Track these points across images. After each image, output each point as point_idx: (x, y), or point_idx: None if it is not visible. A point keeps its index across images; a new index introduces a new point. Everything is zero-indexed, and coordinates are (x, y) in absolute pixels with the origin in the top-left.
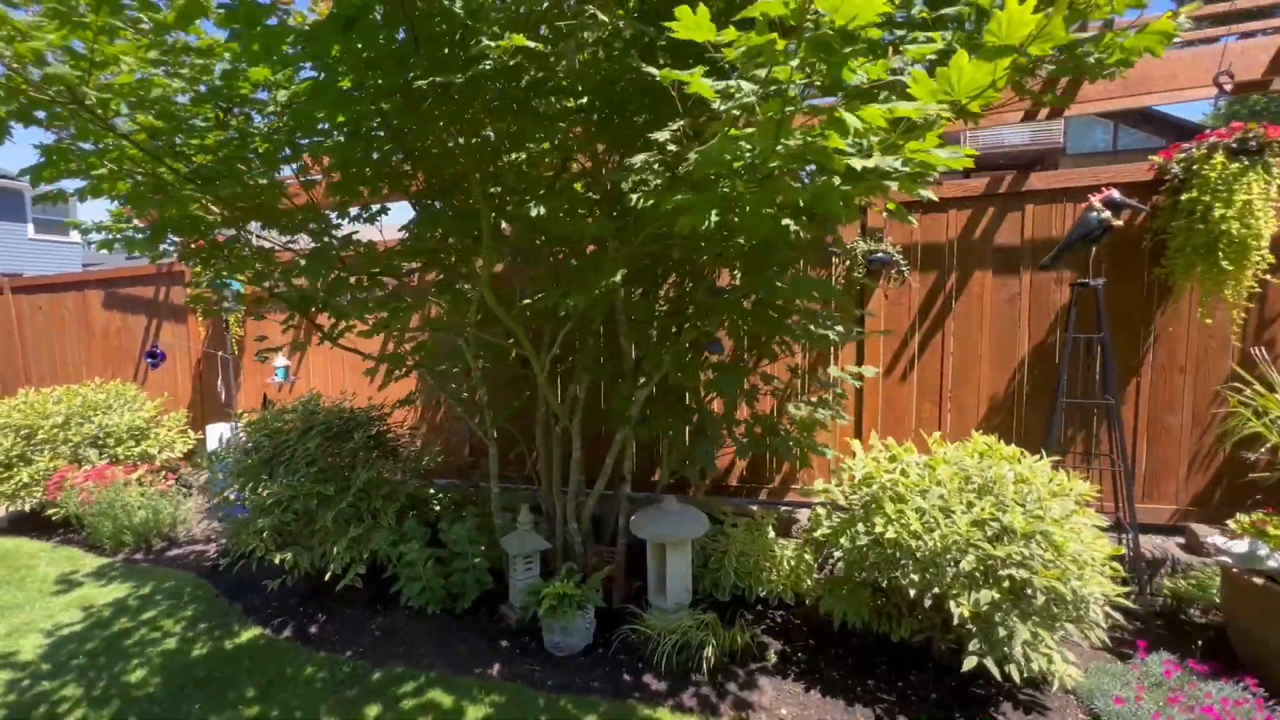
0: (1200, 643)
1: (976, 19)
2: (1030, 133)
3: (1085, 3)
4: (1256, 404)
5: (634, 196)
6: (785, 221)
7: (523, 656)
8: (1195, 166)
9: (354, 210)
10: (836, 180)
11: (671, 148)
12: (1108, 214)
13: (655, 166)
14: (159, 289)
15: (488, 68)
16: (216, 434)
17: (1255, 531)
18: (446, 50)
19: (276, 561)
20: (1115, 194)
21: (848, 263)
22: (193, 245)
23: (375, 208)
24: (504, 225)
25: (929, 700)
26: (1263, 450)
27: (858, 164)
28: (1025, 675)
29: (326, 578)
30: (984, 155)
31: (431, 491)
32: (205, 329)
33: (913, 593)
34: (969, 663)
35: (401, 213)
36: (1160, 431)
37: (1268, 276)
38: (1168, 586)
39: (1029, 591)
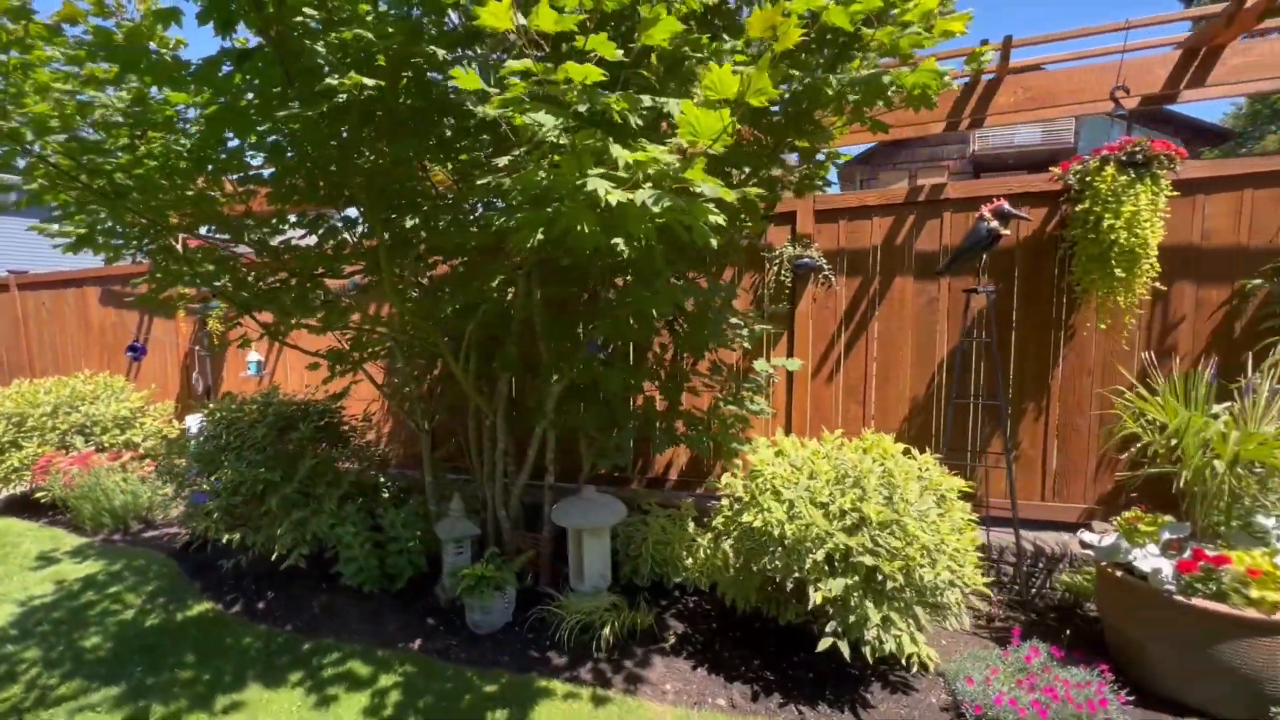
0: (1069, 632)
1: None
2: (1041, 133)
3: (871, 40)
4: (1134, 406)
5: (489, 215)
6: (615, 240)
7: (446, 633)
8: (1089, 179)
9: (292, 217)
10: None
11: (504, 179)
12: (996, 224)
13: (500, 188)
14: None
15: (343, 99)
16: (197, 424)
17: (1128, 529)
18: (315, 86)
19: (225, 541)
20: (1005, 205)
21: (776, 267)
22: (148, 247)
23: (313, 215)
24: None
25: (806, 680)
26: (1134, 449)
27: (614, 198)
28: (878, 655)
29: (273, 558)
30: (995, 155)
31: (381, 480)
32: (191, 325)
33: (777, 578)
34: (824, 643)
35: None
36: (1070, 433)
37: (1157, 284)
38: (1064, 581)
39: (879, 578)
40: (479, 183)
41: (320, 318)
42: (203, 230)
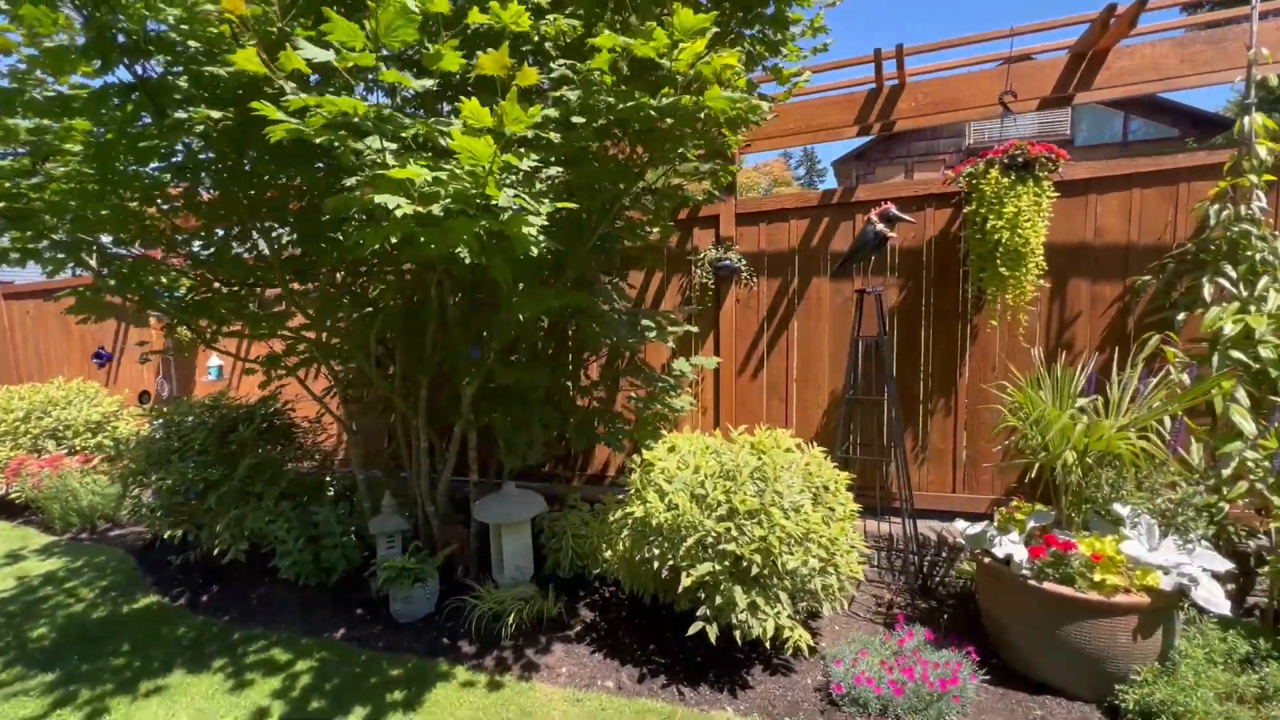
0: (946, 616)
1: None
2: (1037, 125)
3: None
4: (1013, 400)
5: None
6: (459, 250)
7: (371, 622)
8: (976, 181)
9: (219, 231)
10: (469, 215)
11: (356, 192)
12: (882, 227)
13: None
14: (124, 296)
15: (200, 129)
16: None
17: (1006, 518)
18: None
19: (166, 537)
20: (891, 209)
21: (700, 270)
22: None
23: (237, 229)
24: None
25: (693, 663)
26: (1009, 442)
27: (402, 211)
28: (749, 639)
29: (215, 553)
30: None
31: (327, 479)
32: (160, 332)
33: (655, 564)
34: (694, 627)
35: None
36: (978, 426)
37: (1042, 281)
38: (961, 569)
39: (744, 564)
40: (323, 202)
41: (249, 325)
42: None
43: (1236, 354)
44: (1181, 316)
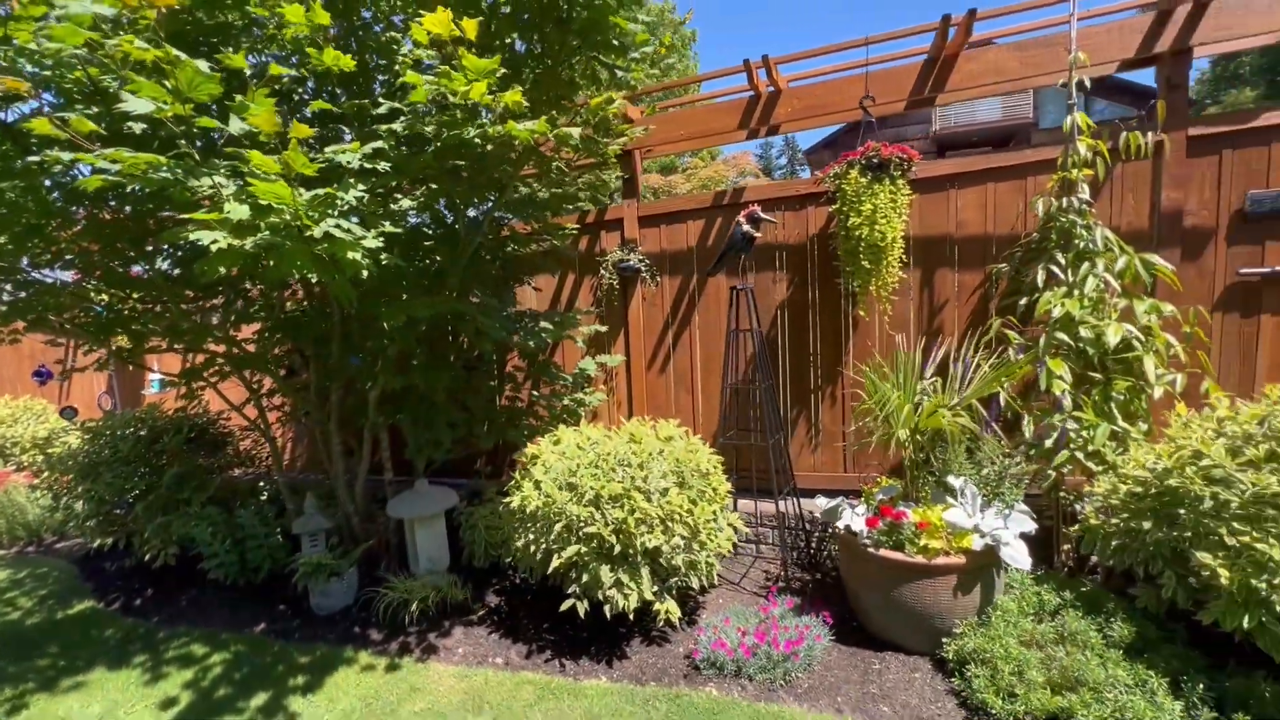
0: (810, 586)
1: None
2: (1002, 109)
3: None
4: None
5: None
6: (310, 274)
7: (291, 616)
8: (839, 181)
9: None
10: (288, 245)
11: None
12: (749, 228)
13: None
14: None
15: (37, 162)
16: None
17: (868, 493)
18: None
19: (97, 545)
20: (757, 211)
21: (606, 271)
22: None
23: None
24: None
25: (580, 639)
26: (864, 422)
27: (217, 246)
28: (616, 612)
29: (147, 558)
30: (957, 132)
31: (261, 484)
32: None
33: (530, 548)
34: (566, 604)
35: None
36: (862, 411)
37: (903, 274)
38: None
39: (607, 545)
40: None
41: (167, 339)
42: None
43: (1061, 335)
44: (1024, 302)
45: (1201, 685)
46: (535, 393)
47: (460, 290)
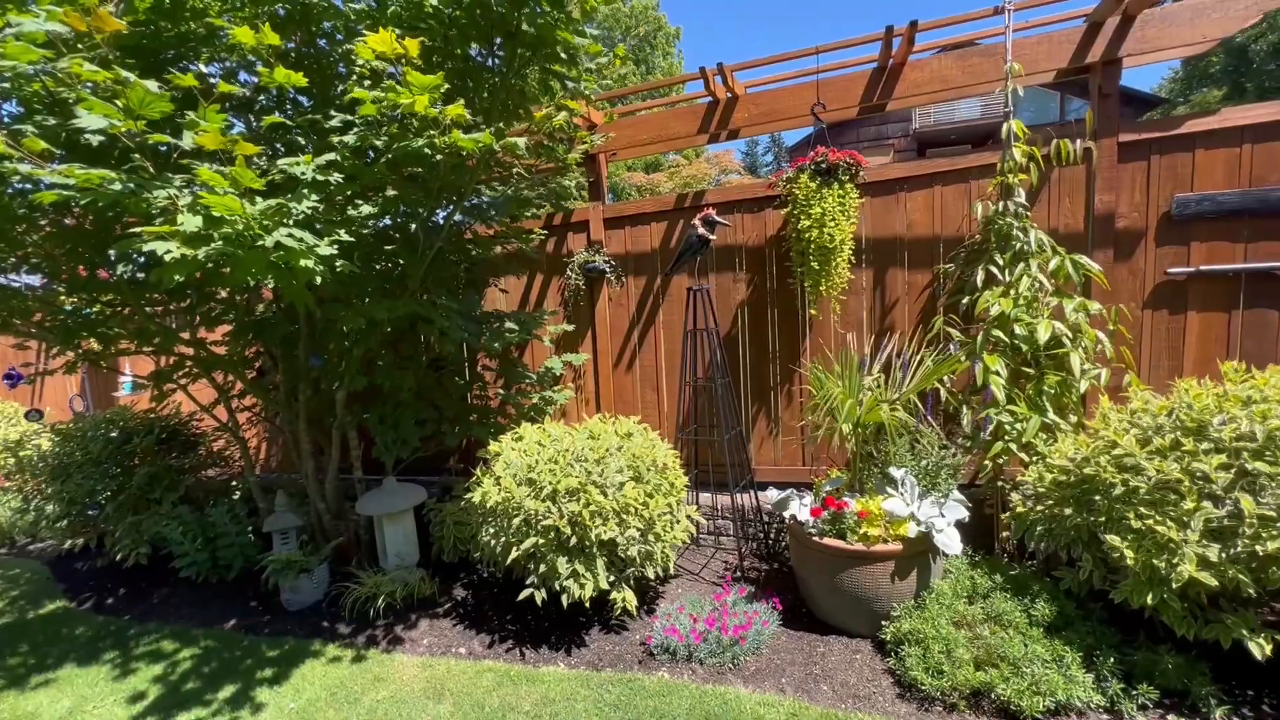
0: (763, 575)
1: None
2: (981, 108)
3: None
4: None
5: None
6: (268, 278)
7: (263, 612)
8: (790, 186)
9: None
10: (241, 254)
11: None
12: (704, 230)
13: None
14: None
15: None
16: None
17: (818, 485)
18: None
19: (68, 546)
20: (711, 214)
21: (572, 272)
22: None
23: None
24: None
25: (541, 629)
26: (815, 416)
27: (171, 256)
28: (572, 601)
29: (119, 558)
30: (937, 131)
31: (234, 483)
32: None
33: (491, 541)
34: (524, 593)
35: None
36: (811, 407)
37: (850, 274)
38: None
39: (564, 536)
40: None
41: (135, 342)
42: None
43: (997, 332)
44: (966, 300)
45: (1112, 659)
46: (502, 391)
47: (422, 293)
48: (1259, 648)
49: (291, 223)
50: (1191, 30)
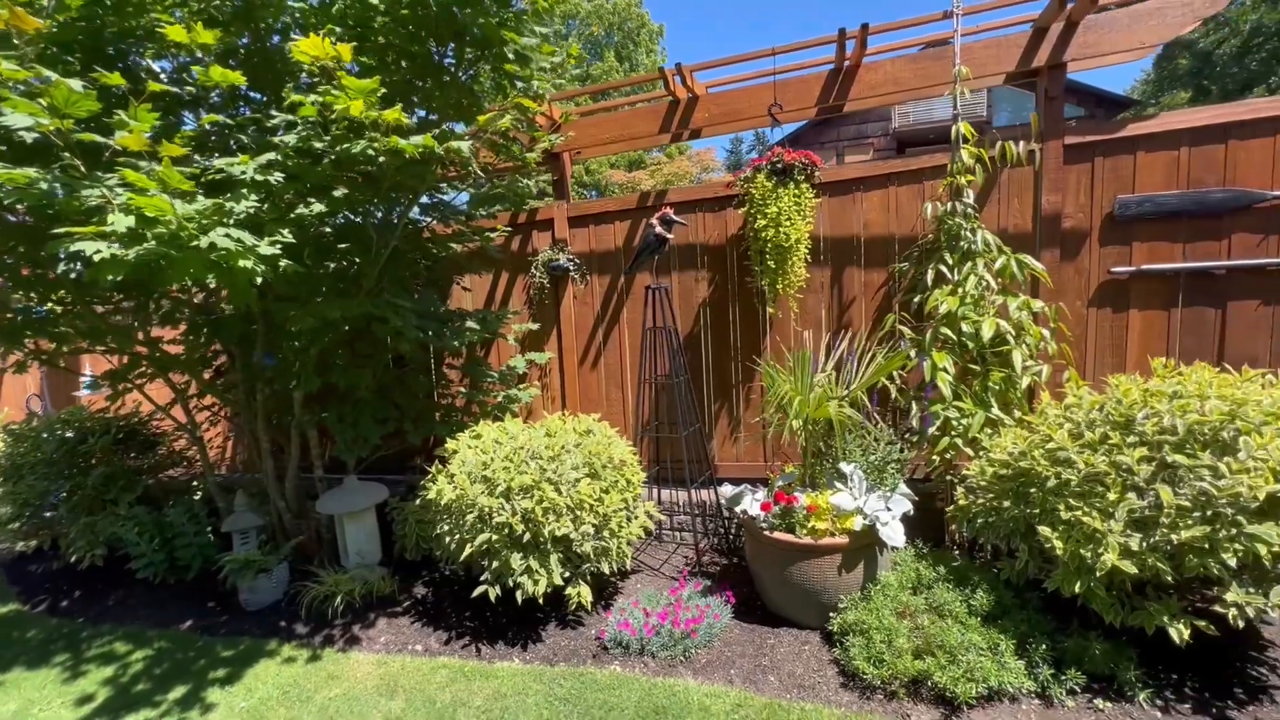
0: (718, 570)
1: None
2: (960, 108)
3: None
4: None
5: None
6: (209, 277)
7: (220, 612)
8: (748, 186)
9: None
10: (176, 254)
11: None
12: (661, 229)
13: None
14: None
15: None
16: None
17: (773, 480)
18: None
19: (20, 549)
20: (669, 213)
21: (537, 271)
22: None
23: None
24: None
25: (499, 625)
26: (768, 413)
27: (99, 256)
28: (527, 597)
29: (73, 559)
30: (915, 130)
31: (195, 484)
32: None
33: (446, 539)
34: (479, 590)
35: None
36: (767, 404)
37: (806, 273)
38: None
39: (515, 534)
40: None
41: (89, 340)
42: None
43: (945, 330)
44: (917, 299)
45: (1044, 646)
46: (464, 390)
47: (379, 292)
48: (1178, 633)
49: (232, 222)
50: (1130, 36)
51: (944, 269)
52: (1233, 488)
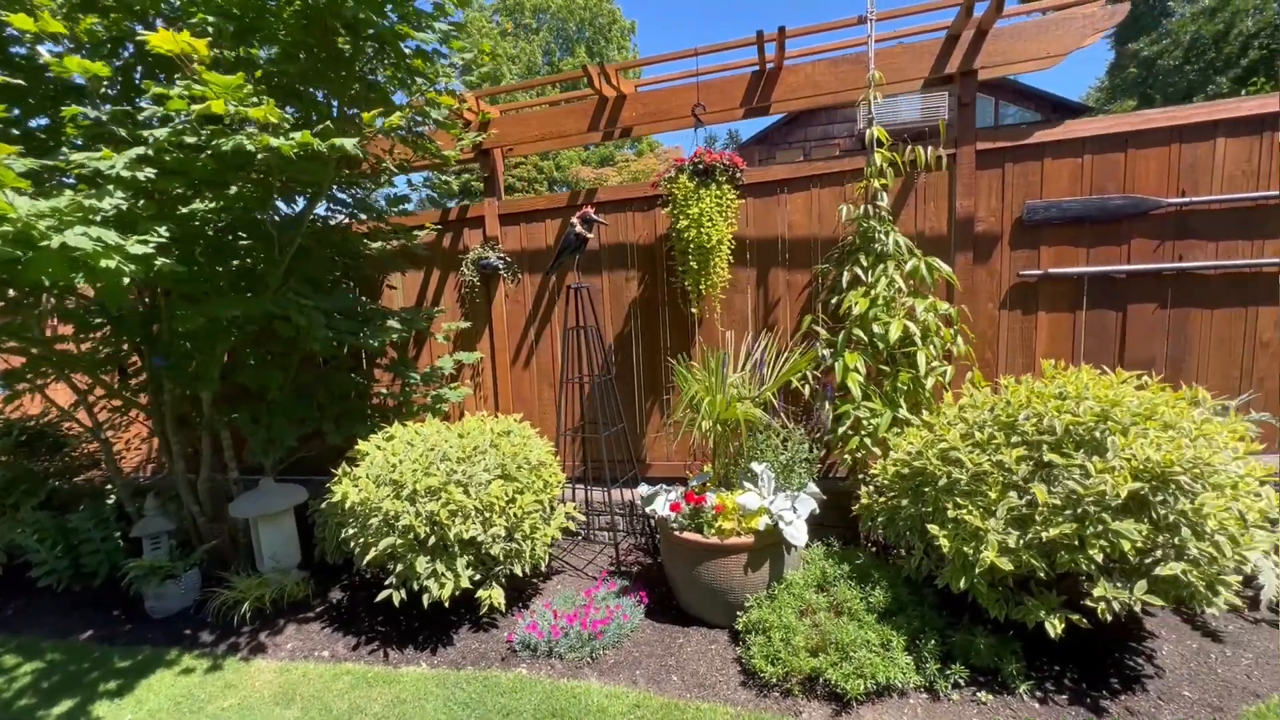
0: (636, 571)
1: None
2: (921, 109)
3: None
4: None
5: None
6: (76, 277)
7: (124, 621)
8: (671, 186)
9: None
10: (27, 254)
11: None
12: (581, 229)
13: None
14: None
15: None
16: None
17: (688, 480)
18: None
19: None
20: (589, 212)
21: (467, 268)
22: None
23: None
24: None
25: (411, 629)
26: (677, 413)
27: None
28: (433, 600)
29: None
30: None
31: (109, 487)
32: None
33: (350, 543)
34: (383, 594)
35: None
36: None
37: (730, 274)
38: None
39: (420, 537)
40: None
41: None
42: None
43: (858, 331)
44: (835, 300)
45: (934, 641)
46: (387, 390)
47: (283, 291)
48: (1053, 627)
49: (98, 220)
50: (1037, 45)
51: (859, 271)
52: (1098, 486)
